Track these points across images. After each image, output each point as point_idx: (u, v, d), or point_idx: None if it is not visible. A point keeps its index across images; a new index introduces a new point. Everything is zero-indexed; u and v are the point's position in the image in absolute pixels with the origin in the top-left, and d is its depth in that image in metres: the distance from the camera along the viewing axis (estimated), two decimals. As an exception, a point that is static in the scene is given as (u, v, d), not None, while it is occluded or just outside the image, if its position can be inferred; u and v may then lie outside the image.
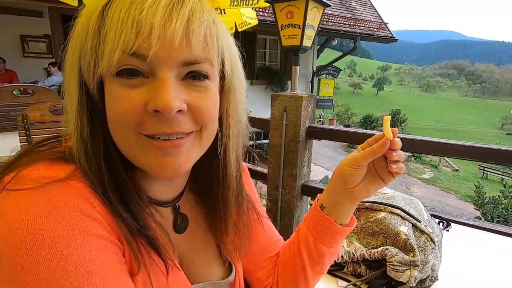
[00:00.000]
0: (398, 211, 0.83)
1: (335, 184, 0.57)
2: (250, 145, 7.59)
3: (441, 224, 1.00)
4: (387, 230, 0.80)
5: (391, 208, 0.84)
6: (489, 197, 4.99)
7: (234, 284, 0.59)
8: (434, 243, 0.78)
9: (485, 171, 15.87)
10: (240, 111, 0.51)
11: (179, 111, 0.39)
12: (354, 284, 0.76)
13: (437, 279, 0.76)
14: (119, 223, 0.40)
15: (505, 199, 4.74)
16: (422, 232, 0.79)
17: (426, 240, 0.78)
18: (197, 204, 0.58)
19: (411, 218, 0.81)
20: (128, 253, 0.41)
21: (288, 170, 2.10)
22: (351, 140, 1.95)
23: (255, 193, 0.69)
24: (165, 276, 0.45)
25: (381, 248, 0.76)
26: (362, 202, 0.89)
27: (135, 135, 0.40)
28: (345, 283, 0.77)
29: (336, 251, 0.60)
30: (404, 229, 0.78)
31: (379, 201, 0.88)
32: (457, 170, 16.99)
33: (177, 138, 0.41)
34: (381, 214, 0.84)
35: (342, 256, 0.80)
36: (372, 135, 0.53)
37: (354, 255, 0.79)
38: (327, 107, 12.84)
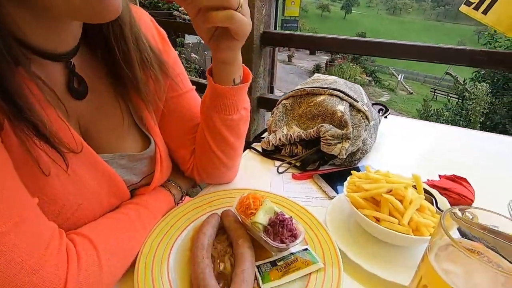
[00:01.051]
0: (337, 93, 0.81)
1: None
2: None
3: (380, 112, 1.03)
4: (325, 111, 0.78)
5: (331, 90, 0.82)
6: (434, 109, 5.49)
7: (155, 158, 0.55)
8: (368, 120, 0.79)
9: (435, 93, 17.09)
10: None
11: None
12: (289, 163, 0.77)
13: (368, 152, 0.79)
14: None
15: (447, 111, 5.24)
16: (359, 110, 0.79)
17: (361, 118, 0.78)
18: (96, 64, 0.48)
19: (349, 98, 0.80)
20: None
21: (243, 82, 2.01)
22: (310, 45, 1.85)
23: (179, 66, 0.61)
24: (65, 170, 0.39)
25: (316, 126, 0.75)
26: (303, 88, 0.86)
27: None
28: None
29: (227, 118, 0.55)
30: (341, 107, 0.77)
31: (320, 86, 0.85)
32: (412, 93, 18.05)
33: None
34: (321, 97, 0.81)
35: (280, 139, 0.79)
36: (328, 37, 0.43)
37: (291, 137, 0.78)
38: (293, 29, 12.21)
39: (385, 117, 1.00)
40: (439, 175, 0.69)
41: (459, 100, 5.62)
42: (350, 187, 0.57)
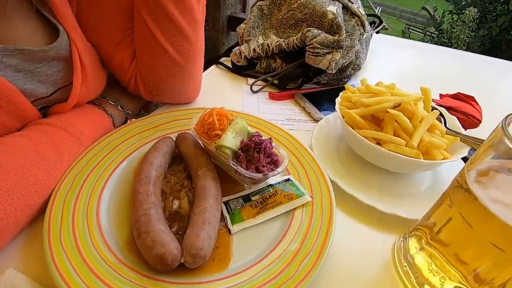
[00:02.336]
0: (329, -10, 0.63)
1: None
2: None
3: (373, 25, 0.87)
4: (312, 13, 0.61)
5: (320, -13, 0.63)
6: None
7: (72, 58, 0.38)
8: (364, 29, 0.64)
9: (410, 29, 16.88)
10: None
11: None
12: (265, 80, 0.62)
13: (359, 69, 0.66)
14: None
15: (423, 45, 5.18)
16: (353, 14, 0.63)
17: (355, 25, 0.63)
18: None
19: (343, -3, 0.63)
20: None
21: (210, -4, 1.68)
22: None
23: None
24: None
25: (301, 32, 0.59)
26: (285, -17, 0.66)
27: None
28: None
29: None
30: (333, 8, 0.60)
31: (307, -19, 0.66)
32: (387, 28, 17.65)
33: None
34: (307, -4, 0.63)
35: (254, 50, 0.63)
36: None
37: (269, 47, 0.62)
38: None
39: (377, 32, 0.85)
40: (440, 94, 0.59)
41: (434, 34, 5.53)
42: (344, 104, 0.44)
